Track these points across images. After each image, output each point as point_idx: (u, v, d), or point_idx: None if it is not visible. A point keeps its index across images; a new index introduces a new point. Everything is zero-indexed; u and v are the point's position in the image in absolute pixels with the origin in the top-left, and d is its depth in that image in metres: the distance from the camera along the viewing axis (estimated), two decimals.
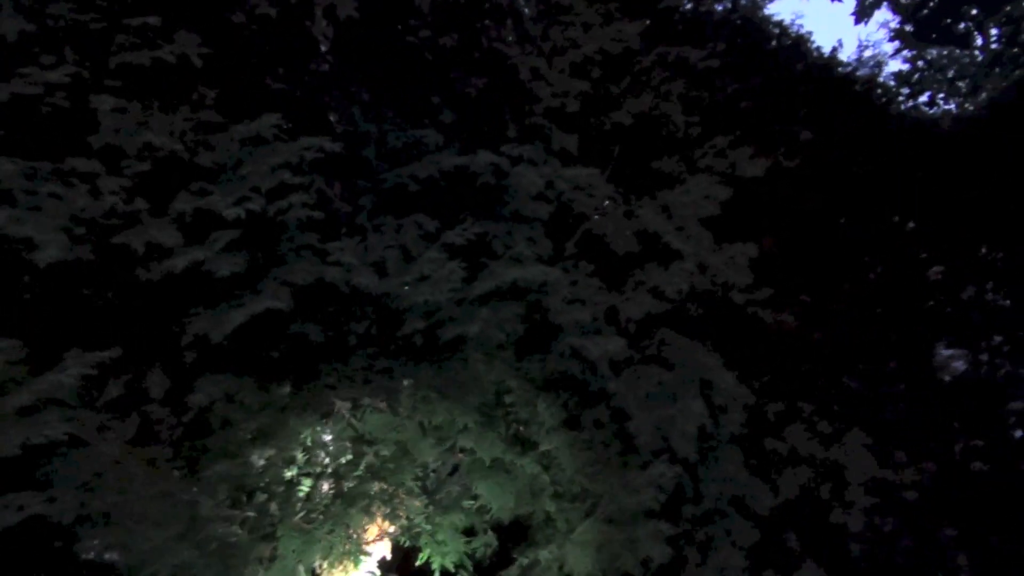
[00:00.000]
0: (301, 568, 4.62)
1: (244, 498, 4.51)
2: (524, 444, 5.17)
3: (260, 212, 4.37)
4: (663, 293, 5.96)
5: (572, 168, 5.78)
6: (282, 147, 4.60)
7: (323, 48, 5.85)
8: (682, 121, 6.66)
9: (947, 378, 8.21)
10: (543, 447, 5.19)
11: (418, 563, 4.95)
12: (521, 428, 5.19)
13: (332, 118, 5.81)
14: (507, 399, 5.07)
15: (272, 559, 4.55)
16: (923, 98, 9.70)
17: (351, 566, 4.68)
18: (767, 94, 7.31)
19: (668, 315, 6.03)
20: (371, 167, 5.21)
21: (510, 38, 6.02)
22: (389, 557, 5.09)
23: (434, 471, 5.03)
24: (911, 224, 8.65)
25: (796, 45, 7.64)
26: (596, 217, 5.94)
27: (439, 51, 5.62)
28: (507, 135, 5.80)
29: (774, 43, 7.74)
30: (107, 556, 4.35)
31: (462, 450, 5.10)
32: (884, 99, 8.18)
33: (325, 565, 4.73)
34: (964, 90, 10.35)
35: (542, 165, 5.68)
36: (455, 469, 5.06)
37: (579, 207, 5.82)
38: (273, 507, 4.53)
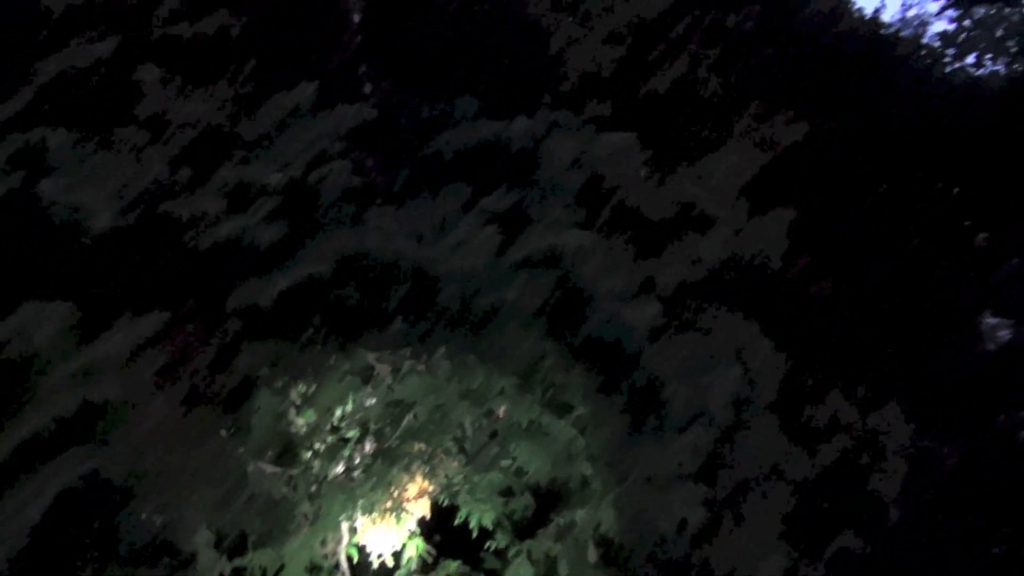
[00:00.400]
0: (344, 525, 4.78)
1: (289, 458, 4.67)
2: (560, 408, 5.23)
3: (300, 180, 4.47)
4: (698, 260, 5.94)
5: (606, 135, 5.76)
6: (320, 117, 4.68)
7: (355, 19, 5.91)
8: (718, 87, 6.58)
9: (992, 347, 8.06)
10: (578, 411, 5.25)
11: (457, 522, 5.08)
12: (557, 393, 5.25)
13: (366, 90, 5.88)
14: (543, 364, 5.13)
15: (316, 516, 4.72)
16: (970, 59, 9.39)
17: (393, 523, 4.82)
18: (805, 57, 7.16)
19: (704, 282, 6.00)
20: (406, 137, 5.27)
21: (543, 4, 5.99)
22: (428, 516, 5.23)
23: (472, 434, 5.13)
24: (956, 190, 8.44)
25: (836, 6, 7.45)
26: (630, 184, 5.92)
27: (471, 18, 5.62)
28: (540, 103, 5.80)
29: (813, 5, 7.55)
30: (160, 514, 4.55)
31: (494, 413, 5.20)
32: (929, 60, 7.94)
33: (367, 522, 4.88)
34: (1013, 50, 9.97)
35: (576, 132, 5.67)
36: (494, 433, 5.15)
37: (613, 174, 5.80)
38: (317, 466, 4.68)
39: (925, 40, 9.18)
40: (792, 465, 6.10)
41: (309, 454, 4.80)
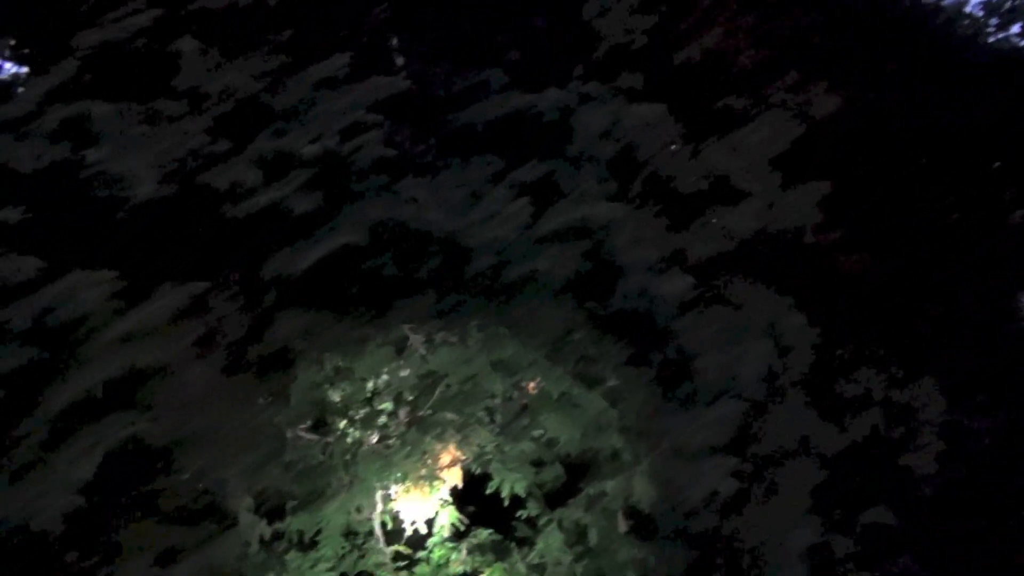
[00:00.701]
0: (379, 492, 4.88)
1: (326, 426, 4.76)
2: (590, 380, 5.25)
3: (334, 151, 4.51)
4: (730, 233, 5.89)
5: (638, 106, 5.71)
6: (353, 88, 4.70)
7: None
8: (751, 57, 6.48)
9: None
10: (609, 383, 5.27)
11: (489, 490, 5.14)
12: (587, 364, 5.27)
13: (398, 62, 5.88)
14: (574, 336, 5.15)
15: (352, 483, 4.81)
16: (1015, 28, 9.08)
17: (426, 491, 4.90)
18: (842, 27, 7.01)
19: (735, 255, 5.96)
20: (438, 108, 5.27)
21: None
22: (460, 485, 5.30)
23: (503, 404, 5.18)
24: (996, 164, 8.24)
25: None
26: (662, 156, 5.87)
27: None
28: (572, 74, 5.76)
29: None
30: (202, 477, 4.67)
31: (526, 384, 5.24)
32: (972, 30, 7.73)
33: (401, 490, 4.97)
34: None
35: (607, 103, 5.64)
36: (525, 404, 5.20)
37: (645, 146, 5.76)
38: (352, 434, 4.77)
39: (968, 9, 8.91)
40: (823, 439, 6.08)
41: (344, 423, 4.88)
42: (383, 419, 4.93)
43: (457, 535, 5.33)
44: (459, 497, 5.43)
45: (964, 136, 7.69)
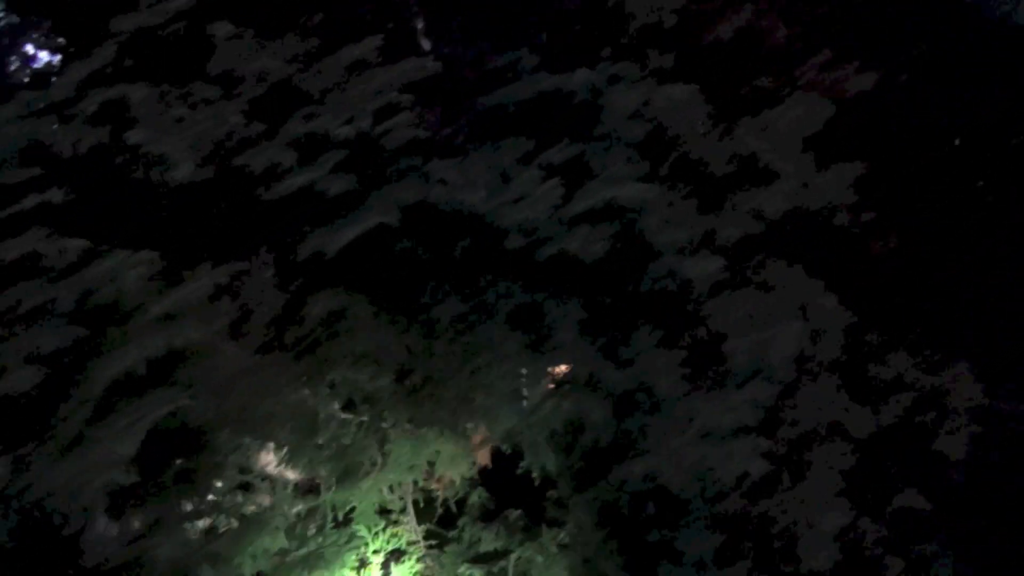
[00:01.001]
0: (411, 471, 4.94)
1: (359, 405, 4.82)
2: (620, 361, 5.26)
3: (366, 133, 4.54)
4: (762, 214, 5.84)
5: (668, 86, 5.67)
6: (385, 70, 4.73)
7: None
8: (784, 36, 6.39)
9: None
10: (639, 364, 5.26)
11: (519, 471, 5.18)
12: (617, 345, 5.27)
13: (425, 46, 5.90)
14: (603, 316, 5.16)
15: (385, 462, 4.88)
16: None
17: (458, 470, 4.96)
18: (875, 3, 6.88)
19: (767, 237, 5.91)
20: (468, 90, 5.28)
21: None
22: (490, 465, 5.36)
23: (533, 384, 5.21)
24: None
25: None
26: (692, 137, 5.83)
27: None
28: (602, 55, 5.74)
29: None
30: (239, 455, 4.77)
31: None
32: (1007, 6, 7.55)
33: (433, 469, 5.03)
34: None
35: (638, 84, 5.60)
36: (555, 383, 5.22)
37: (675, 127, 5.72)
38: (385, 414, 4.83)
39: None
40: (854, 422, 6.03)
41: (377, 402, 4.94)
42: (414, 398, 4.98)
43: (487, 515, 5.39)
44: (489, 477, 5.48)
45: (999, 114, 7.54)
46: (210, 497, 4.60)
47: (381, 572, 5.05)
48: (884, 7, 6.94)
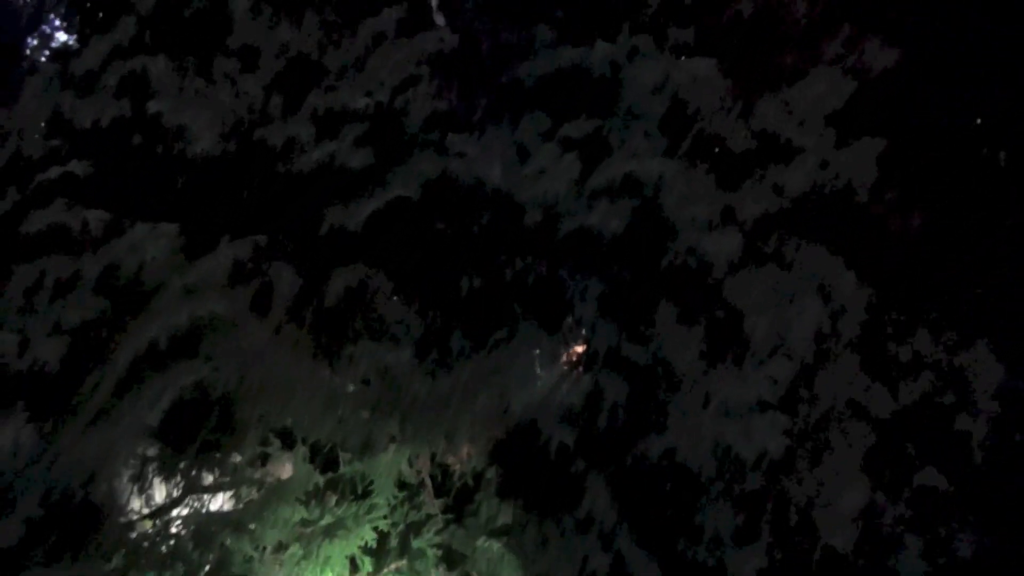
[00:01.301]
0: (430, 445, 4.96)
1: (379, 378, 4.84)
2: (640, 337, 5.25)
3: (385, 106, 4.53)
4: (782, 191, 5.79)
5: (688, 61, 5.62)
6: (404, 43, 4.71)
7: None
8: (805, 10, 6.30)
9: None
10: (658, 341, 5.26)
11: (537, 447, 5.19)
12: (636, 321, 5.26)
13: (440, 21, 5.86)
14: (623, 292, 5.15)
15: (403, 436, 4.90)
16: None
17: (476, 445, 4.98)
18: None
19: (787, 214, 5.86)
20: (487, 64, 5.25)
21: None
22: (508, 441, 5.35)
23: (551, 360, 5.21)
24: None
25: None
26: (712, 112, 5.77)
27: None
28: (621, 29, 5.68)
29: None
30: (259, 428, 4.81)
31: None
32: None
33: (450, 444, 5.05)
34: None
35: (657, 59, 5.55)
36: (574, 362, 5.22)
37: (695, 102, 5.67)
38: (404, 388, 4.84)
39: None
40: (874, 401, 6.00)
41: (396, 377, 4.96)
42: (432, 373, 5.00)
43: (504, 490, 5.41)
44: (507, 453, 5.49)
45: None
46: (233, 465, 4.66)
47: (400, 544, 5.09)
48: None
